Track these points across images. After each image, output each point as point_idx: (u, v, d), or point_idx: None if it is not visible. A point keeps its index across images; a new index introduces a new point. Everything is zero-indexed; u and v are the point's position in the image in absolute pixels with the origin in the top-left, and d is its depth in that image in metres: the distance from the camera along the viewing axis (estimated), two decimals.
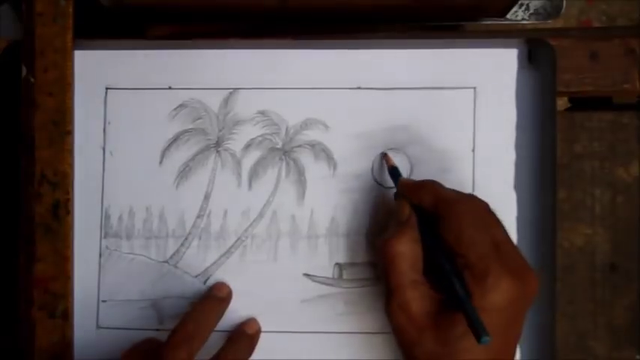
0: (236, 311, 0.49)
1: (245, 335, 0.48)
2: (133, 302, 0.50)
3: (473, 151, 0.50)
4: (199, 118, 0.50)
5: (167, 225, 0.50)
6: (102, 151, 0.50)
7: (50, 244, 0.48)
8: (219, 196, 0.50)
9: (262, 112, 0.50)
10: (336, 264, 0.50)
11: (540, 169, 0.49)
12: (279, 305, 0.49)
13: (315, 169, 0.50)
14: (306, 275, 0.50)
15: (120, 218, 0.50)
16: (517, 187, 0.49)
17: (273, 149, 0.50)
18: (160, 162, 0.50)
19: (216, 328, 0.47)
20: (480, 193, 0.49)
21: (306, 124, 0.50)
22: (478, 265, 0.41)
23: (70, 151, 0.49)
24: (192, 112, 0.50)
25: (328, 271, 0.50)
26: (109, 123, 0.50)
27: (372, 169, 0.50)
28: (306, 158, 0.50)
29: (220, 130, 0.50)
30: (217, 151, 0.50)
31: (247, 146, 0.50)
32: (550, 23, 0.53)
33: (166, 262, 0.50)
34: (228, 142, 0.50)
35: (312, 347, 0.49)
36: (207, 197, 0.50)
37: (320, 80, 0.50)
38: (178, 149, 0.50)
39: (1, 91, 0.52)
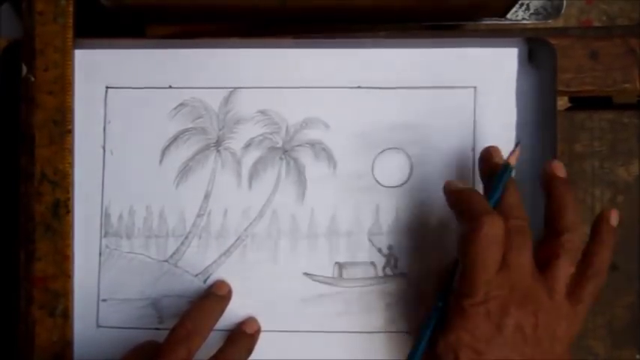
0: (236, 310, 0.49)
1: (245, 335, 0.48)
2: (133, 301, 0.50)
3: (473, 150, 0.49)
4: (199, 118, 0.50)
5: (167, 224, 0.50)
6: (102, 150, 0.50)
7: (50, 243, 0.48)
8: (220, 195, 0.50)
9: (262, 112, 0.50)
10: (336, 263, 0.50)
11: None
12: (278, 304, 0.49)
13: (315, 169, 0.50)
14: (306, 274, 0.50)
15: (120, 217, 0.50)
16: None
17: (273, 148, 0.50)
18: (160, 161, 0.50)
19: (215, 327, 0.47)
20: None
21: (306, 124, 0.50)
22: None
23: (70, 150, 0.49)
24: (192, 111, 0.50)
25: (328, 271, 0.50)
26: (109, 122, 0.50)
27: (373, 168, 0.50)
28: (306, 157, 0.50)
29: (220, 130, 0.50)
30: (217, 151, 0.50)
31: (247, 145, 0.50)
32: (550, 23, 0.53)
33: (166, 261, 0.50)
34: (229, 141, 0.50)
35: (312, 347, 0.49)
36: (207, 196, 0.50)
37: (320, 79, 0.50)
38: (178, 148, 0.50)
39: (1, 90, 0.52)
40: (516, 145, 0.47)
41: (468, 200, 0.44)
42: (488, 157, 0.47)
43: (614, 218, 0.45)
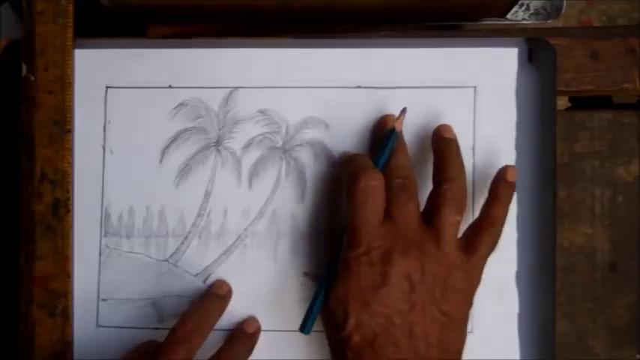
0: (236, 310, 0.49)
1: (245, 334, 0.48)
2: (132, 301, 0.50)
3: (473, 150, 0.49)
4: (199, 117, 0.50)
5: (167, 224, 0.50)
6: (102, 150, 0.50)
7: (50, 242, 0.48)
8: (219, 194, 0.50)
9: (262, 111, 0.50)
10: None
11: (540, 169, 0.49)
12: (279, 304, 0.49)
13: (315, 168, 0.50)
14: (307, 274, 0.50)
15: (120, 217, 0.50)
16: (517, 186, 0.49)
17: (273, 148, 0.50)
18: (160, 161, 0.50)
19: (215, 327, 0.47)
20: (480, 193, 0.49)
21: (306, 123, 0.50)
22: None
23: (70, 150, 0.49)
24: (192, 110, 0.50)
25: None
26: (109, 122, 0.50)
27: None
28: (306, 157, 0.50)
29: (220, 129, 0.50)
30: (217, 150, 0.50)
31: (247, 145, 0.50)
32: (550, 23, 0.53)
33: (166, 260, 0.50)
34: (229, 140, 0.50)
35: (312, 346, 0.49)
36: (207, 196, 0.50)
37: (320, 79, 0.50)
38: (178, 148, 0.50)
39: (1, 90, 0.52)
40: (402, 110, 0.48)
41: (352, 160, 0.47)
42: (381, 125, 0.49)
43: (510, 174, 0.47)
